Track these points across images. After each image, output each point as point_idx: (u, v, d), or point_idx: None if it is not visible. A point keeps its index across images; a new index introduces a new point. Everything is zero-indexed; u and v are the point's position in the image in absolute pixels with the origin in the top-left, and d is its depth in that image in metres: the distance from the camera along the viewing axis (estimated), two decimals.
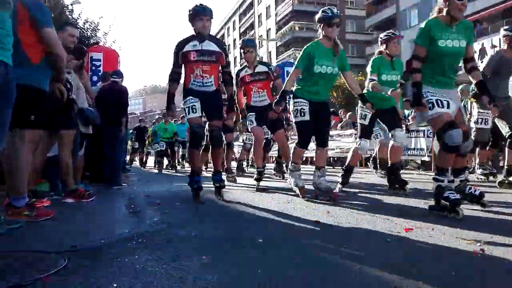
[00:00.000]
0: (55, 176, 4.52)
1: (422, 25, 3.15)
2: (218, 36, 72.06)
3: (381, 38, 4.62)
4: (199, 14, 4.04)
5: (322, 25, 3.99)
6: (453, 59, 3.16)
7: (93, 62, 10.16)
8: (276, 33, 43.90)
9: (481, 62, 5.23)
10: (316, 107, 4.08)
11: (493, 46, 16.31)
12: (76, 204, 4.07)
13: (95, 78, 9.89)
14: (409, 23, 31.72)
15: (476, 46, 17.19)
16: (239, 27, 57.44)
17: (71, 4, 14.22)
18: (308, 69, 4.01)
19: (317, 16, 4.03)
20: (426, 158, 8.54)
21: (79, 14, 13.97)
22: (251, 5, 53.30)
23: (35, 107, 3.05)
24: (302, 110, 4.03)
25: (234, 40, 59.79)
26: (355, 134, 10.57)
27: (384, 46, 4.53)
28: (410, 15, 31.90)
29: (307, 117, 4.02)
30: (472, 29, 3.26)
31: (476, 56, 16.88)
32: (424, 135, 8.47)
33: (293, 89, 4.29)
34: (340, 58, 4.07)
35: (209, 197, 4.61)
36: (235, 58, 59.57)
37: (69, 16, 13.41)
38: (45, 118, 3.23)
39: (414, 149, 8.74)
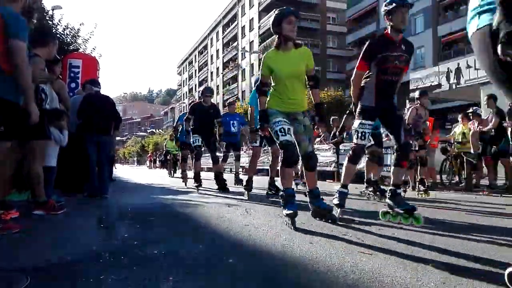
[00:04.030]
0: (47, 185, 4.43)
1: None
2: (200, 46, 72.38)
3: None
4: None
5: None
6: None
7: (72, 69, 10.01)
8: (259, 46, 44.25)
9: (456, 80, 5.58)
10: None
11: (468, 67, 16.79)
12: (46, 217, 3.96)
13: (73, 84, 9.75)
14: None
15: (452, 66, 17.68)
16: (222, 38, 57.70)
17: (52, 10, 14.01)
18: None
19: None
20: None
21: (59, 20, 13.73)
22: (234, 17, 53.70)
23: (3, 119, 2.98)
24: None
25: (217, 50, 60.05)
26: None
27: None
28: None
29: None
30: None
31: (451, 75, 17.46)
32: None
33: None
34: None
35: (184, 211, 4.57)
36: (217, 69, 59.74)
37: (49, 22, 13.18)
38: (14, 130, 3.15)
39: (389, 165, 8.87)
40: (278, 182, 4.48)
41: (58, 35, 12.66)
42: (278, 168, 3.63)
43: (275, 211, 4.20)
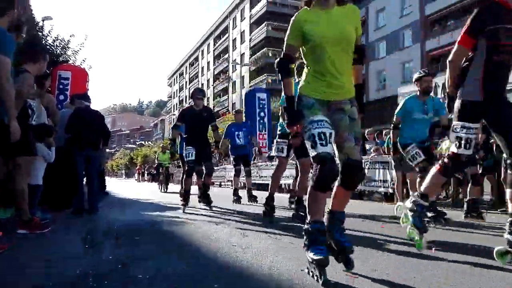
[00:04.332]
0: (33, 203, 4.42)
1: None
2: (191, 58, 71.90)
3: None
4: None
5: None
6: None
7: (61, 81, 9.98)
8: (250, 58, 44.57)
9: (444, 95, 5.57)
10: None
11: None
12: (30, 236, 3.87)
13: (61, 97, 9.71)
14: (378, 54, 32.98)
15: (440, 81, 17.84)
16: (213, 50, 57.97)
17: (42, 20, 13.96)
18: None
19: None
20: (390, 190, 8.71)
21: (49, 31, 13.68)
22: (226, 29, 54.05)
23: None
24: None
25: (208, 62, 60.25)
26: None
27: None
28: (378, 46, 33.17)
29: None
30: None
31: (439, 90, 17.62)
32: (388, 167, 8.66)
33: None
34: None
35: (172, 229, 4.53)
36: (208, 81, 59.85)
37: (39, 33, 13.12)
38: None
39: (378, 180, 8.93)
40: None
41: (48, 47, 12.62)
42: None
43: (265, 234, 4.14)
